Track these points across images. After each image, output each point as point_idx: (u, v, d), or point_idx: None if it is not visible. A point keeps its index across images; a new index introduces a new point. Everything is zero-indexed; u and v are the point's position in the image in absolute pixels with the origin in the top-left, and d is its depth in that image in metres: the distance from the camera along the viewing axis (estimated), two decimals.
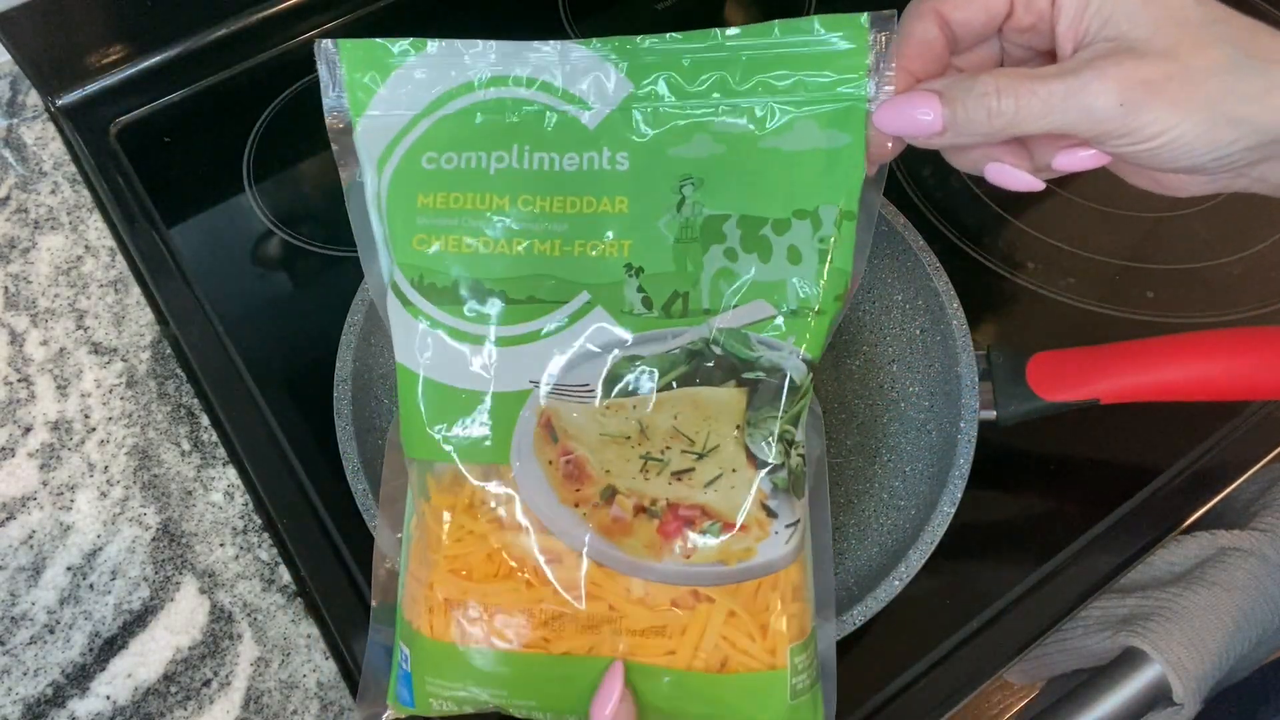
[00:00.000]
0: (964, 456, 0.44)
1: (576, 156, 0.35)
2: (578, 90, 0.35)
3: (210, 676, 0.45)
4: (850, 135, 0.34)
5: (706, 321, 0.34)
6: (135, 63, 0.64)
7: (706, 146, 0.34)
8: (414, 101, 0.35)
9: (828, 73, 0.34)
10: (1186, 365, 0.43)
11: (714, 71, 0.34)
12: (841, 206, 0.34)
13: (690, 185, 0.35)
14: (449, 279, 0.35)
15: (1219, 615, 0.46)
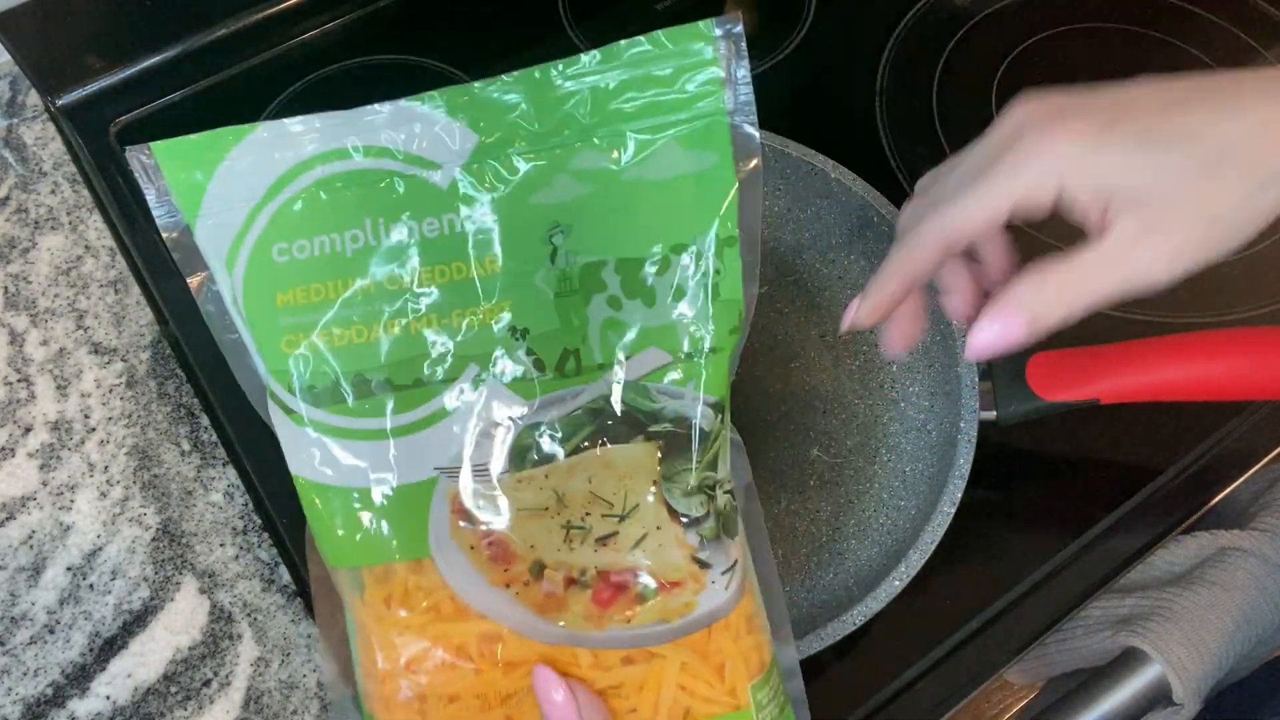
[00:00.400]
0: (964, 456, 0.44)
1: (435, 221, 0.32)
2: (420, 150, 0.32)
3: (210, 676, 0.45)
4: (716, 153, 0.32)
5: (603, 377, 0.33)
6: (135, 63, 0.64)
7: (569, 188, 0.32)
8: (250, 192, 0.32)
9: (680, 90, 0.32)
10: (1186, 365, 0.43)
11: (559, 107, 0.32)
12: (719, 233, 0.33)
13: (560, 234, 0.33)
14: (328, 377, 0.33)
15: (1219, 615, 0.46)
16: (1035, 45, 0.66)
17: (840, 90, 0.64)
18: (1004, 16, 0.67)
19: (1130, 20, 0.67)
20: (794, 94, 0.64)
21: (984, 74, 0.64)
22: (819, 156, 0.52)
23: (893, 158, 0.61)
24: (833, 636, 0.41)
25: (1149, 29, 0.66)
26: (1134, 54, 0.66)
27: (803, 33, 0.66)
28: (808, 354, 0.52)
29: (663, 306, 0.33)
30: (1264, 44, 0.66)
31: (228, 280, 0.33)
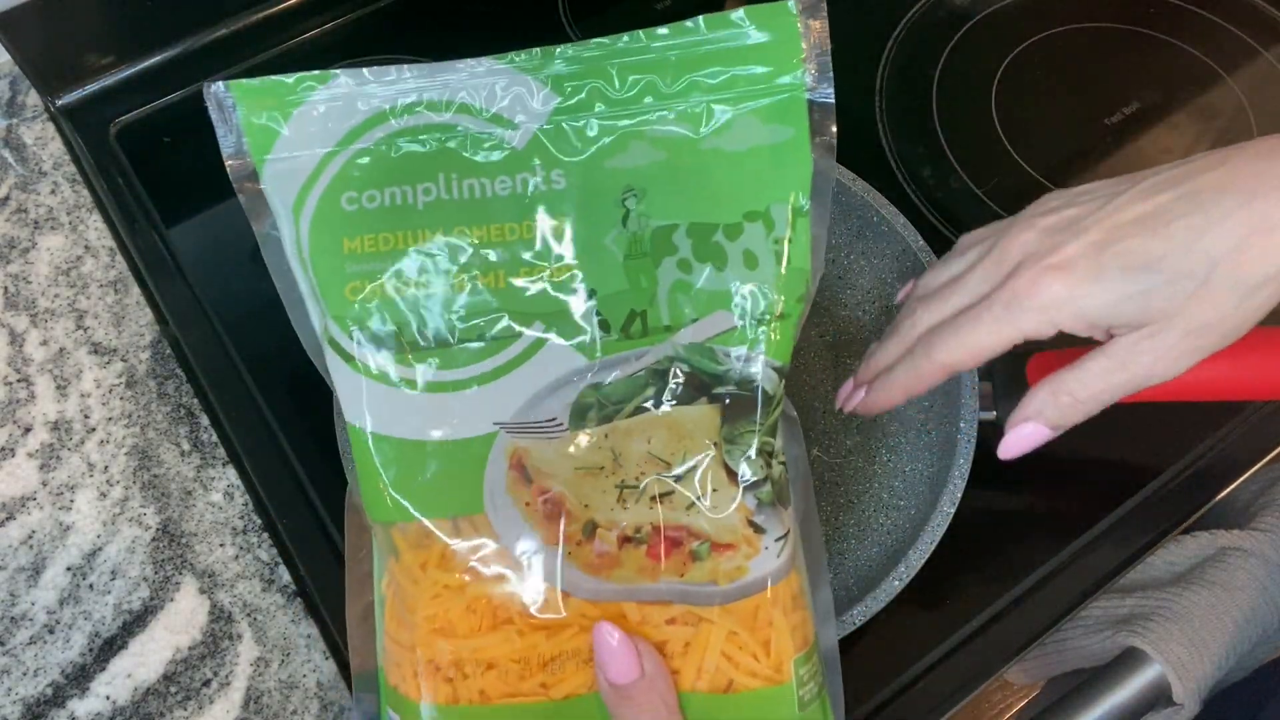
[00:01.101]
0: (964, 456, 0.44)
1: (509, 179, 0.33)
2: (500, 109, 0.33)
3: (210, 676, 0.45)
4: (793, 128, 0.33)
5: (668, 339, 0.33)
6: (135, 63, 0.64)
7: (645, 154, 0.33)
8: (324, 139, 0.33)
9: (762, 65, 0.33)
10: None
11: (643, 75, 0.33)
12: (793, 203, 0.33)
13: (633, 197, 0.33)
14: (390, 326, 0.33)
15: (1219, 615, 0.46)
16: (1035, 45, 0.66)
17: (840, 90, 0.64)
18: (1004, 16, 0.67)
19: (1130, 20, 0.67)
20: None
21: (984, 74, 0.64)
22: None
23: (893, 158, 0.61)
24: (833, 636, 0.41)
25: (1149, 29, 0.67)
26: (1134, 54, 0.66)
27: None
28: (808, 354, 0.52)
29: (733, 271, 0.33)
30: (1264, 44, 0.66)
31: (291, 226, 0.33)
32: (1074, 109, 0.63)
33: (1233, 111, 0.62)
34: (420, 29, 0.67)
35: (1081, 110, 0.63)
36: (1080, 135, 0.62)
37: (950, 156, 0.61)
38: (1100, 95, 0.63)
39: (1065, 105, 0.63)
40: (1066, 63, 0.65)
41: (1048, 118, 0.63)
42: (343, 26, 0.67)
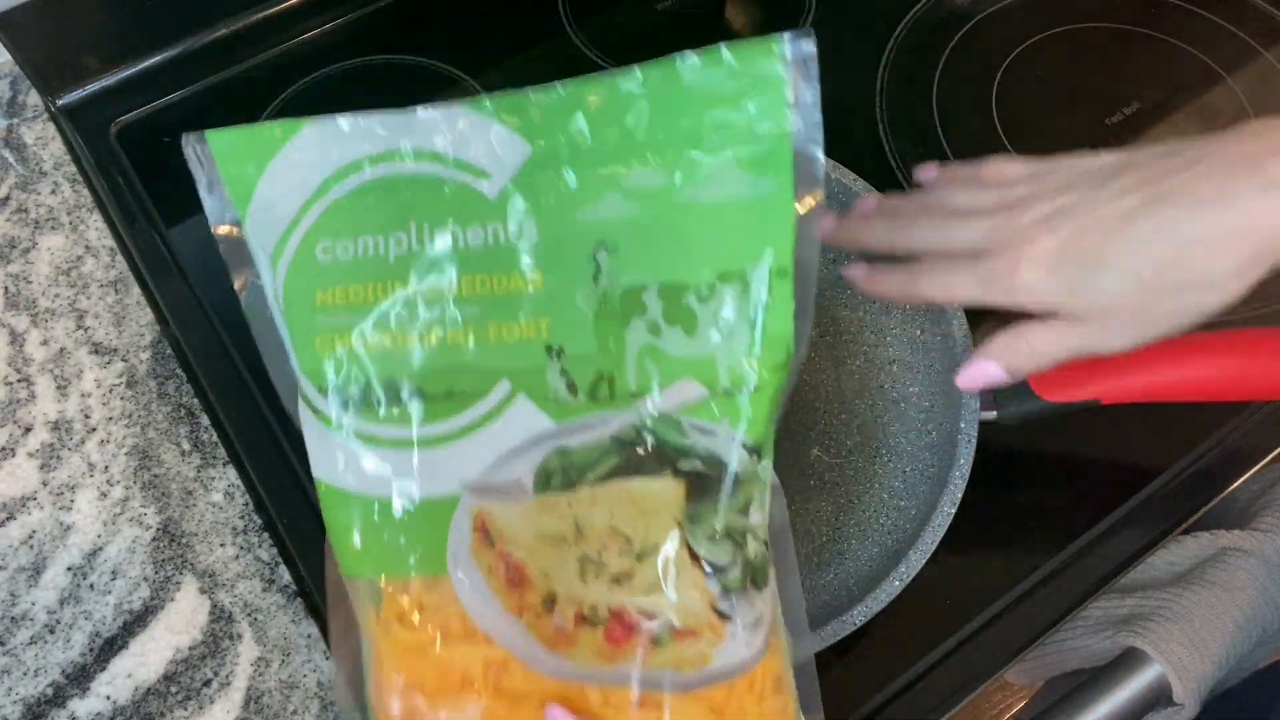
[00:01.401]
0: (964, 456, 0.44)
1: (481, 230, 0.31)
2: (471, 157, 0.31)
3: (210, 676, 0.45)
4: (776, 179, 0.31)
5: (635, 405, 0.31)
6: (135, 63, 0.64)
7: (618, 206, 0.31)
8: (302, 187, 0.32)
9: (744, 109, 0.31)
10: (1186, 365, 0.43)
11: (616, 121, 0.31)
12: (773, 264, 0.31)
13: (604, 252, 0.31)
14: (360, 381, 0.32)
15: (1219, 615, 0.46)
16: (1035, 45, 0.66)
17: (840, 90, 0.64)
18: (1004, 16, 0.67)
19: (1130, 20, 0.67)
20: None
21: (984, 74, 0.64)
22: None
23: (893, 158, 0.61)
24: (833, 636, 0.41)
25: (1149, 29, 0.67)
26: (1134, 54, 0.66)
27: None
28: (808, 354, 0.52)
29: (704, 336, 0.31)
30: (1264, 44, 0.66)
31: (271, 274, 0.32)
32: (1074, 109, 0.63)
33: (1233, 111, 0.62)
34: (420, 29, 0.67)
35: (1081, 110, 0.63)
36: (1080, 135, 0.62)
37: (950, 156, 0.61)
38: (1100, 95, 0.63)
39: (1065, 105, 0.63)
40: (1066, 63, 0.65)
41: (1048, 118, 0.63)
42: (343, 26, 0.67)
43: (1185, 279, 0.35)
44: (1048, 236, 0.36)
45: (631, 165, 0.31)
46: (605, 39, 0.66)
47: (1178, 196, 0.34)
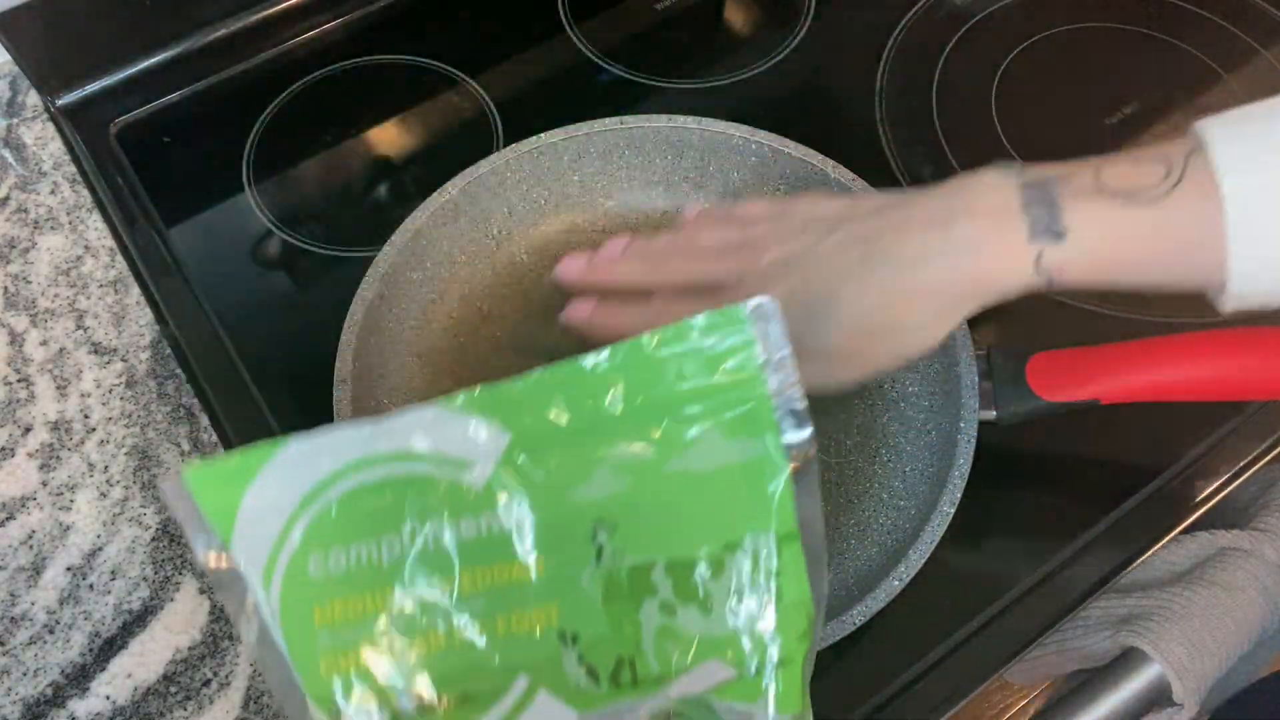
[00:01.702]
0: (964, 456, 0.44)
1: (473, 522, 0.30)
2: (451, 451, 0.31)
3: (210, 676, 0.45)
4: (762, 440, 0.30)
5: (661, 690, 0.30)
6: (135, 63, 0.64)
7: (610, 483, 0.30)
8: (283, 505, 0.31)
9: (718, 375, 0.30)
10: (1186, 365, 0.43)
11: (591, 399, 0.30)
12: (777, 528, 0.30)
13: (604, 531, 0.30)
14: (372, 703, 0.30)
15: (1219, 615, 0.46)
16: (1035, 45, 0.66)
17: (840, 90, 0.64)
18: (1004, 16, 0.67)
19: (1130, 20, 0.67)
20: (794, 94, 0.64)
21: (984, 74, 0.64)
22: (819, 156, 0.52)
23: (893, 158, 0.61)
24: (833, 636, 0.41)
25: (1149, 29, 0.67)
26: (1134, 54, 0.66)
27: (803, 33, 0.66)
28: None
29: (720, 613, 0.30)
30: (1264, 44, 0.66)
31: (265, 598, 0.31)
32: (1074, 109, 0.63)
33: None
34: (420, 29, 0.67)
35: (1081, 110, 0.63)
36: (1080, 135, 0.62)
37: (950, 156, 0.61)
38: (1100, 95, 0.63)
39: (1065, 105, 0.63)
40: (1066, 63, 0.65)
41: (1048, 118, 0.63)
42: (343, 26, 0.67)
43: (893, 326, 0.39)
44: (780, 283, 0.40)
45: (615, 443, 0.31)
46: (605, 39, 0.66)
47: (887, 255, 0.38)
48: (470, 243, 0.54)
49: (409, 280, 0.51)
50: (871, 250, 0.39)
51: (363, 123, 0.63)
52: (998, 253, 0.37)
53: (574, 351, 0.53)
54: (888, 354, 0.40)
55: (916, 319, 0.39)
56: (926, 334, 0.39)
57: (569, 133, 0.53)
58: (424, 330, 0.52)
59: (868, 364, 0.41)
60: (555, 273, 0.46)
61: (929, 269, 0.38)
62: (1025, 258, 0.36)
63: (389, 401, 0.49)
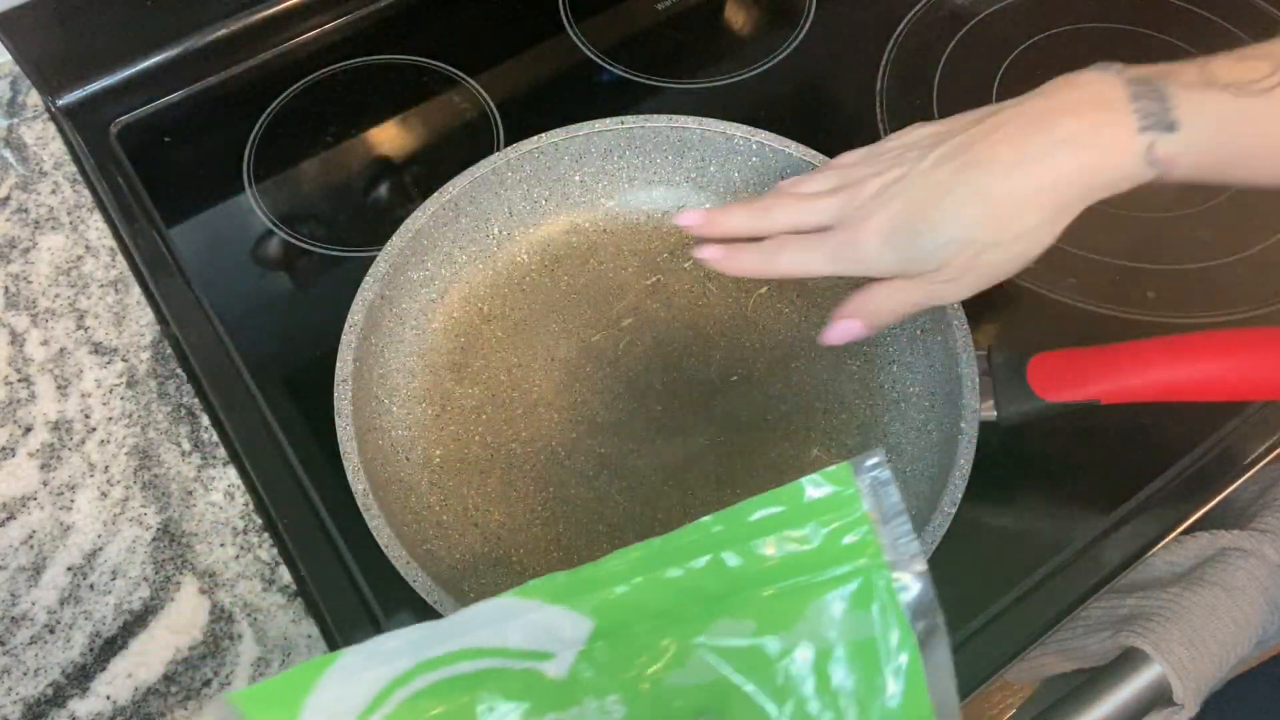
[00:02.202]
0: (964, 456, 0.44)
1: (558, 717, 0.28)
2: (528, 643, 0.28)
3: (210, 676, 0.45)
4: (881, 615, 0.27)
5: None
6: (135, 63, 0.64)
7: (709, 669, 0.27)
8: (342, 717, 0.28)
9: (824, 542, 0.27)
10: (1186, 365, 0.43)
11: (683, 577, 0.28)
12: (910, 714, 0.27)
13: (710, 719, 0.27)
14: None
15: (1219, 615, 0.46)
16: (1035, 45, 0.66)
17: (840, 90, 0.64)
18: (1004, 16, 0.67)
19: (1130, 20, 0.67)
20: (794, 94, 0.64)
21: (984, 74, 0.64)
22: (819, 156, 0.52)
23: None
24: None
25: (1149, 29, 0.67)
26: (1134, 54, 0.66)
27: (803, 33, 0.66)
28: (808, 354, 0.52)
29: None
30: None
31: None
32: None
33: None
34: (420, 29, 0.67)
35: None
36: None
37: None
38: None
39: None
40: (1066, 63, 0.65)
41: None
42: (343, 26, 0.67)
43: (1000, 235, 0.38)
44: (881, 211, 0.41)
45: (714, 622, 0.28)
46: (605, 39, 0.66)
47: (985, 162, 0.38)
48: (471, 243, 0.54)
49: (409, 280, 0.51)
50: (968, 160, 0.39)
51: (363, 123, 0.63)
52: (1107, 146, 0.36)
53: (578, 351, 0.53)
54: (1002, 263, 0.40)
55: (1025, 224, 0.38)
56: (1037, 238, 0.39)
57: (569, 133, 0.53)
58: (424, 330, 0.52)
59: (980, 278, 0.40)
60: (674, 220, 0.47)
61: (1032, 169, 0.37)
62: (1136, 149, 0.36)
63: (389, 401, 0.49)
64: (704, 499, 0.48)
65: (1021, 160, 0.37)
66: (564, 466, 0.49)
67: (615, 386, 0.51)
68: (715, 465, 0.49)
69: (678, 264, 0.55)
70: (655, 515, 0.48)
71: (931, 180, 0.40)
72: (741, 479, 0.49)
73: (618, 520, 0.48)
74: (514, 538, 0.47)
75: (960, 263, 0.40)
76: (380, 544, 0.42)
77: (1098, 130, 0.37)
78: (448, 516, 0.48)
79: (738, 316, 0.53)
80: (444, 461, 0.49)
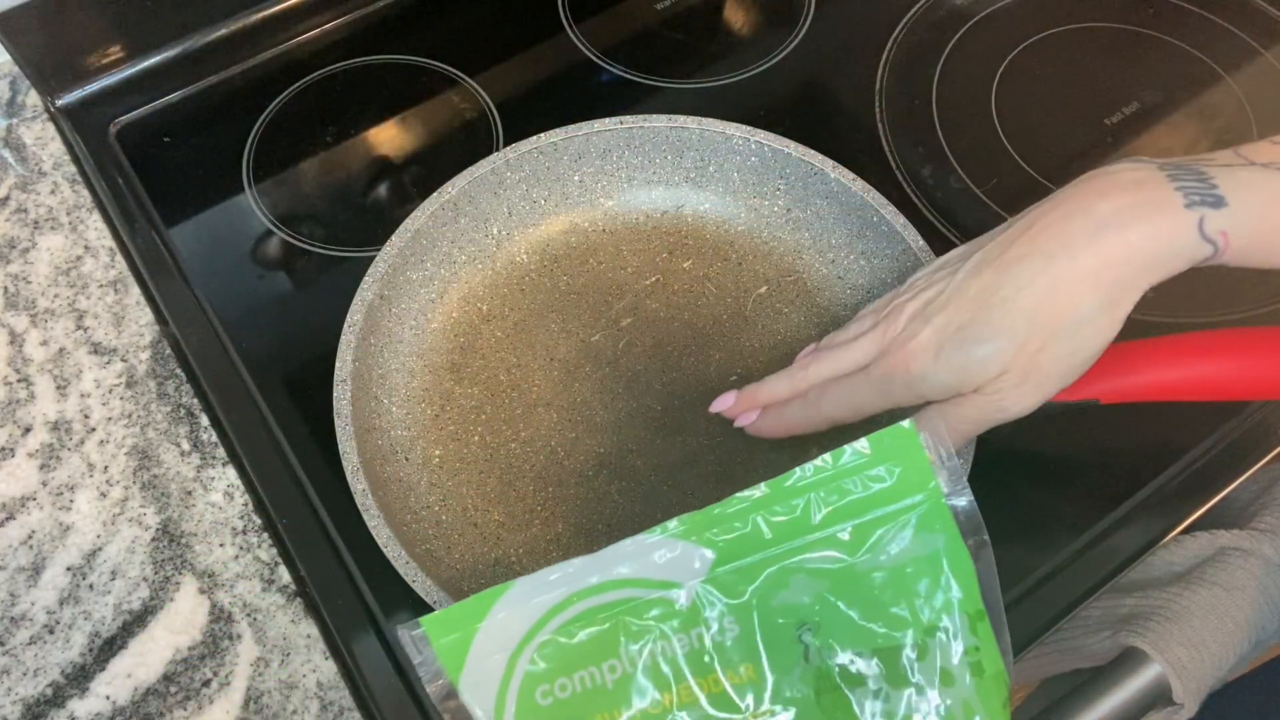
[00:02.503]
0: (964, 456, 0.44)
1: (685, 637, 0.33)
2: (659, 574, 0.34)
3: (210, 676, 0.45)
4: (943, 534, 0.34)
5: None
6: (135, 63, 0.64)
7: (808, 587, 0.33)
8: (505, 642, 0.34)
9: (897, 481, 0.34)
10: (1186, 365, 0.43)
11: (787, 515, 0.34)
12: (966, 609, 0.33)
13: (808, 631, 0.33)
14: None
15: (1219, 615, 0.46)
16: (1035, 45, 0.66)
17: (840, 90, 0.64)
18: (1004, 16, 0.67)
19: (1130, 20, 0.67)
20: (794, 94, 0.64)
21: (984, 74, 0.64)
22: (819, 156, 0.52)
23: (893, 158, 0.61)
24: None
25: (1149, 29, 0.67)
26: (1134, 54, 0.66)
27: (803, 33, 0.66)
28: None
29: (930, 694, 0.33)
30: (1264, 44, 0.66)
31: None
32: (1074, 109, 0.63)
33: (1233, 111, 0.62)
34: (420, 29, 0.67)
35: (1081, 110, 0.63)
36: (1080, 135, 0.62)
37: (950, 156, 0.61)
38: (1100, 95, 0.63)
39: (1065, 105, 0.63)
40: (1066, 63, 0.65)
41: (1048, 118, 0.63)
42: (343, 26, 0.67)
43: (1057, 326, 0.36)
44: (925, 328, 0.39)
45: (809, 550, 0.34)
46: (605, 39, 0.66)
47: (1026, 256, 0.37)
48: (470, 243, 0.54)
49: (409, 280, 0.51)
50: (1009, 258, 0.37)
51: (363, 123, 0.63)
52: (1155, 223, 0.35)
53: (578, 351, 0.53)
54: (1065, 358, 0.37)
55: (1080, 311, 0.36)
56: (1096, 327, 0.36)
57: (569, 133, 0.53)
58: (423, 330, 0.52)
59: (1045, 380, 0.38)
60: (711, 409, 0.47)
61: (1078, 253, 0.35)
62: (1187, 225, 0.34)
63: (388, 401, 0.49)
64: (703, 499, 0.48)
65: (1065, 246, 0.36)
66: (563, 466, 0.49)
67: (614, 386, 0.51)
68: (714, 465, 0.49)
69: (677, 264, 0.55)
70: (655, 515, 0.48)
71: (974, 286, 0.38)
72: (740, 479, 0.49)
73: (617, 520, 0.48)
74: (513, 537, 0.47)
75: (1020, 364, 0.37)
76: (379, 544, 0.42)
77: (1142, 209, 0.35)
78: (447, 516, 0.48)
79: (737, 316, 0.53)
80: (443, 461, 0.49)
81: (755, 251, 0.55)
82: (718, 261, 0.55)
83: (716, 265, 0.55)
